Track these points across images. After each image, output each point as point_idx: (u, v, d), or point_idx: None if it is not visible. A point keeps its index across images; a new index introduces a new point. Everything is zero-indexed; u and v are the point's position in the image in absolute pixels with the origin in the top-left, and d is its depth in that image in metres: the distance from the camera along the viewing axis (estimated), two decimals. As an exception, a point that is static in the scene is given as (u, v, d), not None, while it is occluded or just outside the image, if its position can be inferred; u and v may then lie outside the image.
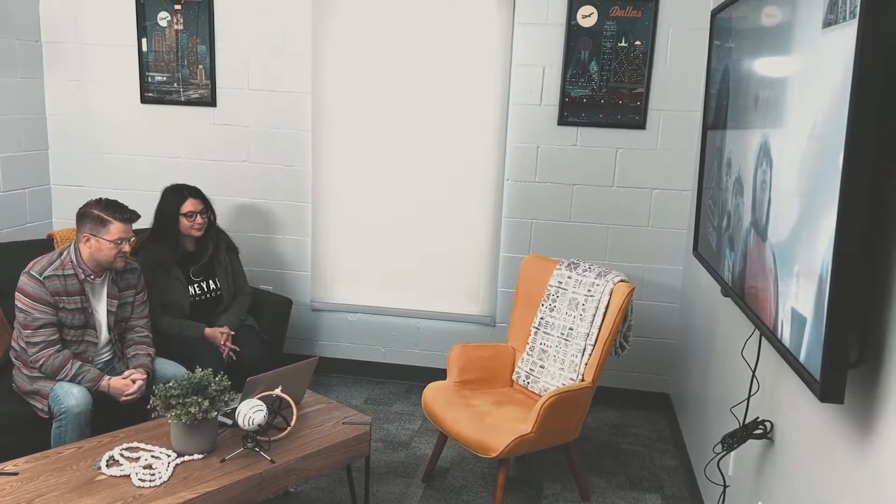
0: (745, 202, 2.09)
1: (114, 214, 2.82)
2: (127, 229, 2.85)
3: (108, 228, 2.80)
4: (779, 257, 1.75)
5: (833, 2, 1.46)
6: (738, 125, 2.24)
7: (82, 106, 4.23)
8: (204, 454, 2.39)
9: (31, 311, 2.73)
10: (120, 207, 2.87)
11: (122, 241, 2.83)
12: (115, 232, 2.81)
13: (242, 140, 4.12)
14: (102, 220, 2.80)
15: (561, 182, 3.91)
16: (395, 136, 4.02)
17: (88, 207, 2.85)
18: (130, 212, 2.88)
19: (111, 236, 2.80)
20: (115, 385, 2.80)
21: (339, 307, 4.24)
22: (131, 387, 2.81)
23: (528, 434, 2.78)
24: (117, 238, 2.81)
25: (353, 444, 2.63)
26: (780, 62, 1.82)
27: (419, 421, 3.78)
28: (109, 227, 2.81)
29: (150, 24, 4.06)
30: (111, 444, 2.44)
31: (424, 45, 3.90)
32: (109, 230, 2.80)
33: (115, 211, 2.84)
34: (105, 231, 2.80)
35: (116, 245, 2.82)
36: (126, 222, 2.85)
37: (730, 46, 2.44)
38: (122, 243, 2.83)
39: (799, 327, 1.58)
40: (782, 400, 2.03)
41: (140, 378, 2.84)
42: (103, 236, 2.80)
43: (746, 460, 2.30)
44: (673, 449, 3.62)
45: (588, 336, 3.07)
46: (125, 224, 2.84)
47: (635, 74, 3.75)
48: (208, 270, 3.40)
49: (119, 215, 2.83)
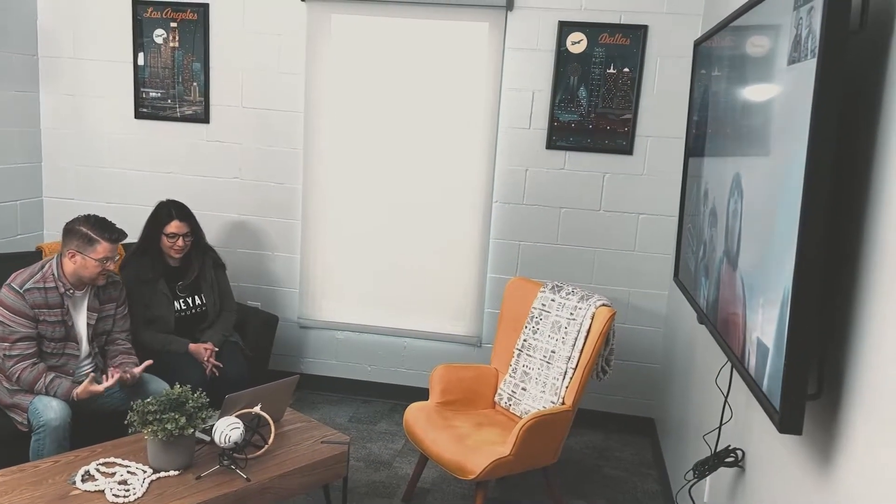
0: (719, 231, 2.12)
1: (102, 234, 2.84)
2: (113, 249, 2.87)
3: (94, 248, 2.82)
4: (747, 287, 1.77)
5: (797, 40, 1.50)
6: (714, 154, 2.28)
7: (77, 120, 4.27)
8: (180, 471, 2.40)
9: (11, 323, 2.75)
10: (108, 227, 2.87)
11: (107, 259, 2.84)
12: (102, 251, 2.83)
13: (234, 157, 4.16)
14: (90, 239, 2.82)
15: (549, 205, 3.95)
16: (385, 157, 4.05)
17: (77, 224, 2.86)
18: (118, 231, 2.89)
19: (97, 255, 2.82)
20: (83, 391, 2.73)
21: (326, 325, 4.26)
22: (99, 388, 2.75)
23: (506, 457, 2.78)
24: (103, 257, 2.83)
25: (331, 463, 2.64)
26: (752, 95, 1.86)
27: (402, 441, 3.78)
28: (96, 247, 2.82)
29: (146, 41, 4.11)
30: (88, 459, 2.45)
31: (416, 68, 3.95)
32: (96, 249, 2.82)
33: (103, 230, 2.85)
34: (91, 250, 2.82)
35: (101, 264, 2.83)
36: (113, 242, 2.86)
37: (708, 76, 2.48)
38: (108, 262, 2.85)
39: (762, 357, 1.60)
40: (753, 428, 2.05)
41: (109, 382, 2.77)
42: (89, 255, 2.81)
43: (721, 487, 2.31)
44: (655, 474, 3.62)
45: (569, 359, 3.08)
46: (112, 244, 2.86)
47: (623, 101, 3.79)
48: (194, 286, 3.42)
49: (107, 235, 2.84)
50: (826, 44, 1.32)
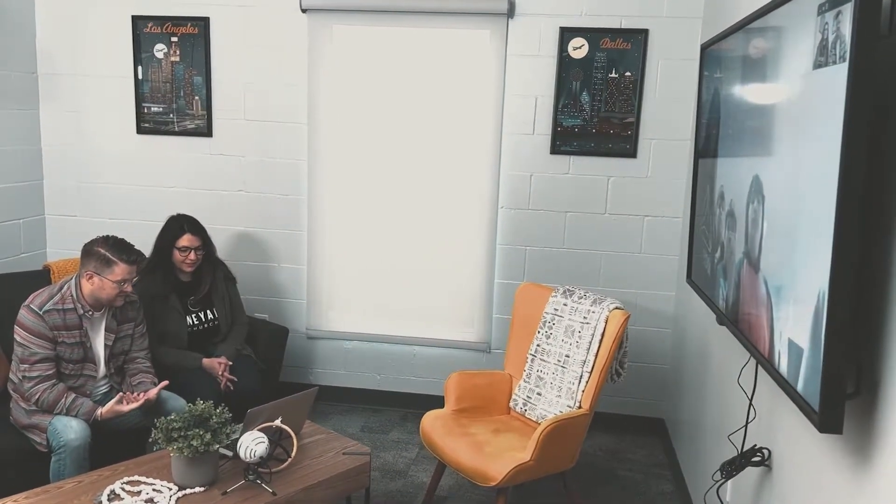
0: (738, 234, 2.14)
1: (120, 256, 2.82)
2: (132, 271, 2.85)
3: (112, 269, 2.81)
4: (772, 288, 1.80)
5: (823, 45, 1.52)
6: (729, 156, 2.30)
7: (78, 137, 4.25)
8: (205, 487, 2.40)
9: (30, 345, 2.74)
10: (127, 248, 2.86)
11: (125, 282, 2.84)
12: (120, 273, 2.81)
13: (238, 170, 4.16)
14: (108, 261, 2.81)
15: (554, 210, 3.97)
16: (390, 166, 4.06)
17: (95, 245, 2.85)
18: (137, 253, 2.88)
19: (115, 277, 2.81)
20: (110, 407, 2.74)
21: (334, 335, 4.26)
22: (125, 408, 2.76)
23: (527, 462, 2.79)
24: (121, 279, 2.82)
25: (354, 474, 2.65)
26: (771, 99, 1.88)
27: (416, 449, 3.79)
28: (114, 269, 2.81)
29: (147, 56, 4.11)
30: (111, 478, 2.44)
31: (419, 77, 3.96)
32: (114, 271, 2.81)
33: (121, 252, 2.83)
34: (109, 272, 2.80)
35: (119, 286, 2.82)
36: (131, 264, 2.85)
37: (719, 79, 2.51)
38: (125, 284, 2.84)
39: (796, 358, 1.62)
40: (779, 428, 2.07)
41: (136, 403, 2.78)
42: (107, 276, 2.80)
43: (745, 487, 2.33)
44: (669, 475, 3.64)
45: (585, 363, 3.10)
46: (130, 266, 2.84)
47: (626, 104, 3.82)
48: (206, 300, 3.42)
49: (126, 257, 2.83)
50: (858, 48, 1.35)
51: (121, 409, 2.76)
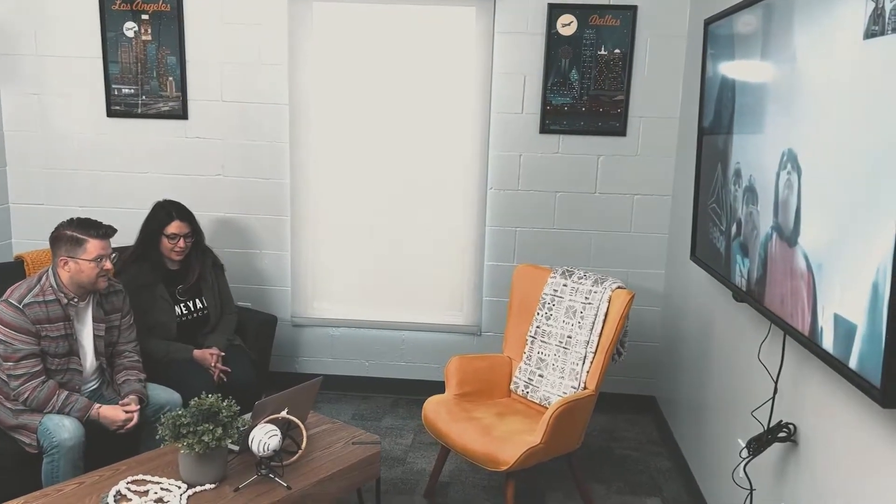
0: (763, 209, 2.12)
1: (88, 232, 2.69)
2: (105, 245, 2.71)
3: (84, 248, 2.67)
4: (814, 263, 1.78)
5: (878, 14, 1.49)
6: (749, 133, 2.28)
7: (42, 121, 4.03)
8: (215, 483, 2.30)
9: (12, 341, 2.58)
10: (94, 224, 2.73)
11: (101, 258, 2.69)
12: (93, 250, 2.68)
13: (217, 153, 4.00)
14: (77, 240, 2.67)
15: (544, 190, 3.92)
16: (375, 147, 3.96)
17: (61, 229, 2.71)
18: (106, 227, 2.74)
19: (89, 255, 2.67)
20: (106, 414, 2.67)
21: (320, 322, 4.15)
22: (123, 416, 2.68)
23: (537, 445, 2.76)
24: (96, 256, 2.68)
25: (366, 464, 2.58)
26: (809, 73, 1.85)
27: (411, 435, 3.73)
28: (86, 246, 2.67)
29: (116, 35, 3.91)
30: (114, 478, 2.32)
31: (404, 55, 3.86)
32: (86, 249, 2.67)
33: (88, 228, 2.70)
34: (82, 251, 2.67)
35: (97, 264, 2.68)
36: (102, 238, 2.71)
37: (732, 57, 2.48)
38: (103, 260, 2.70)
39: (846, 334, 1.61)
40: (806, 402, 2.07)
41: (134, 409, 2.72)
42: (81, 257, 2.66)
43: (766, 463, 2.33)
44: (665, 451, 3.66)
45: (588, 343, 3.07)
46: (102, 240, 2.71)
47: (615, 82, 3.79)
48: (194, 289, 3.29)
49: (94, 232, 2.69)
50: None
51: (118, 416, 2.66)
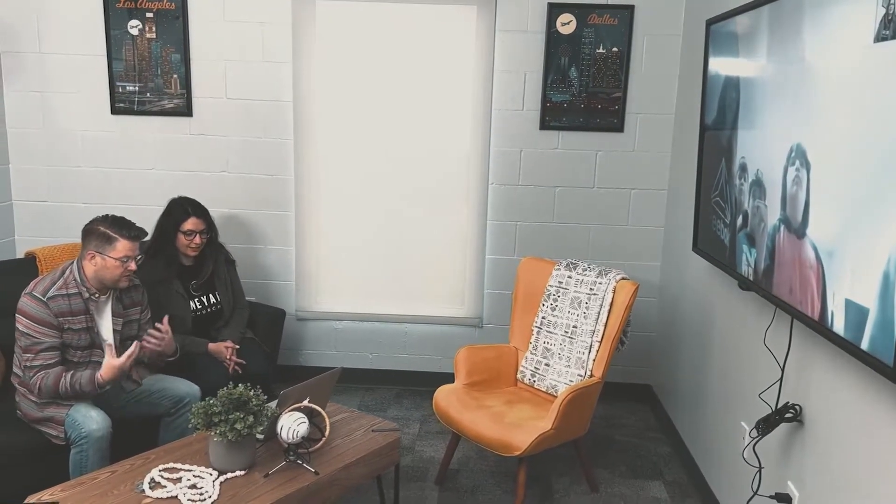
0: (770, 202, 2.23)
1: (120, 232, 2.74)
2: (133, 247, 2.77)
3: (114, 246, 2.73)
4: (823, 252, 1.89)
5: (888, 20, 1.60)
6: (755, 129, 2.39)
7: (46, 118, 4.06)
8: (245, 470, 2.37)
9: (34, 334, 2.63)
10: (127, 225, 2.79)
11: (128, 258, 2.75)
12: (122, 250, 2.73)
13: (221, 150, 4.06)
14: (109, 238, 2.72)
15: (543, 185, 4.03)
16: (378, 143, 4.04)
17: (94, 224, 2.76)
18: (138, 229, 2.80)
19: (117, 254, 2.73)
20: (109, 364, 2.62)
21: (324, 315, 4.23)
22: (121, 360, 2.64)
23: (548, 431, 2.86)
24: (123, 256, 2.74)
25: (386, 451, 2.66)
26: (818, 73, 1.97)
27: (417, 424, 3.82)
28: (116, 245, 2.73)
29: (121, 33, 3.94)
30: (145, 467, 2.39)
31: (406, 53, 3.94)
32: (116, 248, 2.73)
33: (121, 228, 2.76)
34: (111, 249, 2.72)
35: (122, 263, 2.74)
36: (133, 240, 2.77)
37: (737, 55, 2.59)
38: (129, 261, 2.76)
39: (857, 317, 1.72)
40: (811, 384, 2.19)
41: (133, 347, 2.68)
42: (109, 254, 2.72)
43: (771, 443, 2.45)
44: (663, 437, 3.78)
45: (594, 333, 3.18)
46: (132, 242, 2.76)
47: (613, 80, 3.90)
48: (208, 284, 3.35)
49: (126, 233, 2.75)
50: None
51: (115, 361, 2.63)
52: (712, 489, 3.06)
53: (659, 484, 3.32)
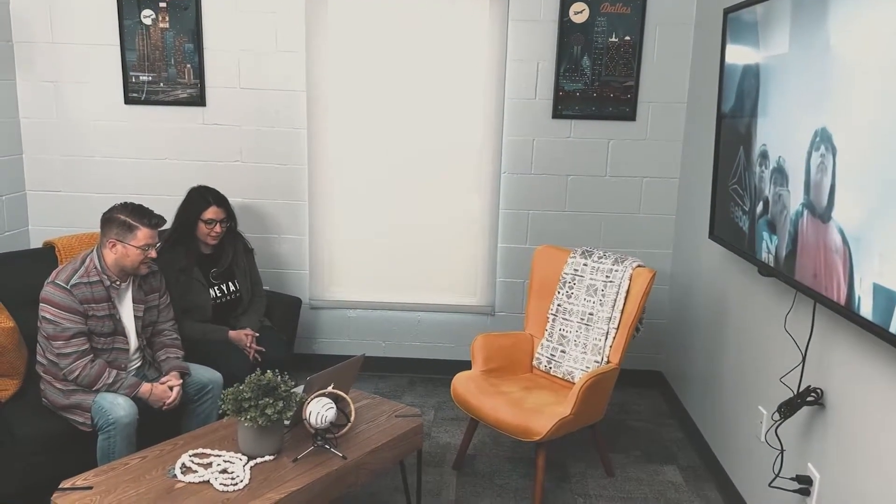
0: (793, 188, 2.26)
1: (141, 220, 2.77)
2: (153, 235, 2.80)
3: (134, 234, 2.75)
4: (850, 237, 1.92)
5: (920, 7, 1.63)
6: (775, 117, 2.42)
7: (59, 108, 4.06)
8: (274, 455, 2.40)
9: (61, 321, 2.66)
10: (147, 213, 2.81)
11: (148, 246, 2.78)
12: (142, 238, 2.76)
13: (234, 139, 4.07)
14: (129, 226, 2.75)
15: (556, 174, 4.05)
16: (391, 132, 4.06)
17: (114, 212, 2.79)
18: (157, 217, 2.83)
19: (138, 242, 2.75)
20: (155, 392, 2.76)
21: (337, 304, 4.26)
22: (170, 394, 2.78)
23: (567, 416, 2.90)
24: (144, 244, 2.76)
25: (410, 436, 2.70)
26: (846, 59, 1.99)
27: (432, 411, 3.85)
28: (136, 233, 2.75)
29: (134, 23, 3.94)
30: (174, 452, 2.41)
31: (420, 42, 3.96)
32: (136, 236, 2.75)
33: (142, 216, 2.78)
34: (132, 237, 2.75)
35: (143, 251, 2.77)
36: (153, 228, 2.80)
37: (756, 43, 2.62)
38: (149, 249, 2.79)
39: (886, 301, 1.76)
40: (833, 368, 2.22)
41: (177, 384, 2.82)
42: (130, 242, 2.75)
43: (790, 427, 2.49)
44: (675, 423, 3.83)
45: (611, 320, 3.21)
46: (152, 230, 2.79)
47: (625, 68, 3.92)
48: (227, 273, 3.37)
49: (146, 221, 2.78)
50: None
51: (165, 394, 2.78)
52: (727, 473, 3.11)
53: (674, 468, 3.36)
